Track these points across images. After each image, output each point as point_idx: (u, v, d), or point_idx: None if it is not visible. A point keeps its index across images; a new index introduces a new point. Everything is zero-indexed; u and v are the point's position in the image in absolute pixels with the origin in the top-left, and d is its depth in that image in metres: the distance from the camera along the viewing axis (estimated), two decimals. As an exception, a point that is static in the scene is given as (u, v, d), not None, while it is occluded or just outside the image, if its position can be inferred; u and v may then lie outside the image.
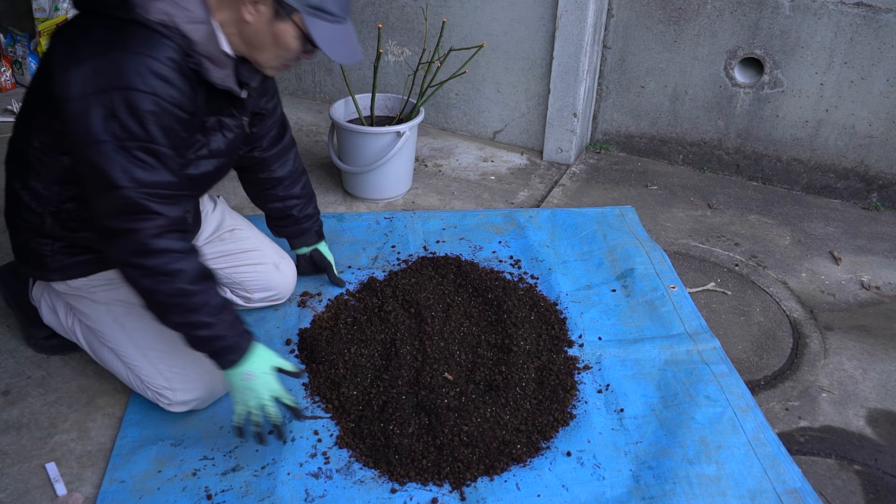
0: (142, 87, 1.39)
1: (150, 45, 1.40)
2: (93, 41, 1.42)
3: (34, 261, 1.70)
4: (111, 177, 1.41)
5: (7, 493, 1.63)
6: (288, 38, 1.53)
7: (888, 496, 1.70)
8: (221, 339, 1.54)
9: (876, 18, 2.62)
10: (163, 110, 1.43)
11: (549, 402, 1.84)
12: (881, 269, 2.51)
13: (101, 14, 1.44)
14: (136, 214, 1.43)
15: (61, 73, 1.42)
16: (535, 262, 2.42)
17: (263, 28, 1.52)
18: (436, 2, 3.08)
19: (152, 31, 1.41)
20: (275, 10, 1.49)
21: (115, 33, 1.40)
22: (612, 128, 3.25)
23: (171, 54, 1.42)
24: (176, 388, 1.74)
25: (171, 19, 1.42)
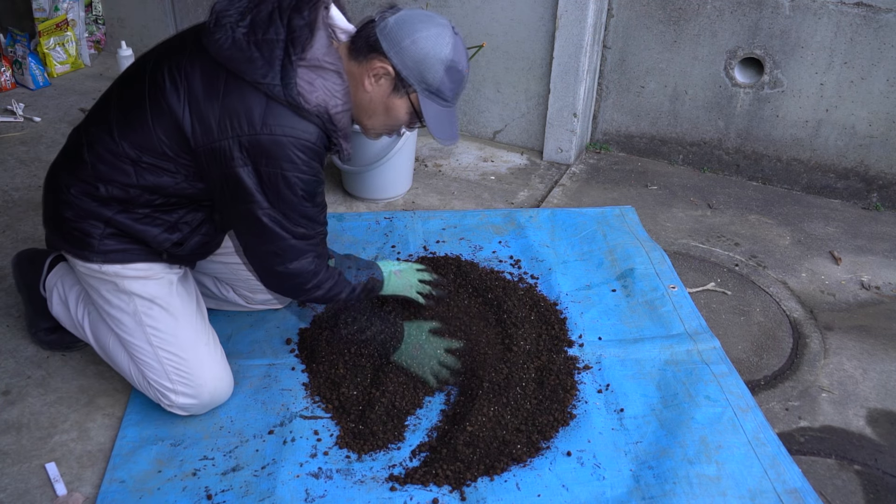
0: (298, 167, 1.56)
1: (308, 129, 1.56)
2: (251, 115, 1.53)
3: (77, 240, 1.70)
4: (276, 233, 1.62)
5: (7, 493, 1.63)
6: (400, 112, 1.67)
7: (888, 496, 1.70)
8: (365, 287, 1.85)
9: (876, 18, 2.62)
10: (311, 181, 1.60)
11: (549, 402, 1.84)
12: (881, 269, 2.51)
13: (250, 84, 1.53)
14: (299, 257, 1.67)
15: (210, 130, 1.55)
16: (535, 262, 2.42)
17: (379, 99, 1.65)
18: (436, 2, 3.08)
19: (307, 117, 1.55)
20: (394, 85, 1.62)
21: (277, 115, 1.53)
22: (612, 128, 3.25)
23: (321, 139, 1.59)
24: (179, 392, 1.76)
25: (325, 110, 1.57)
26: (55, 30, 3.72)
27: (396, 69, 1.59)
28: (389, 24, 1.59)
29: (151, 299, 1.74)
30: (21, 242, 2.46)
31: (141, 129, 1.59)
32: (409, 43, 1.58)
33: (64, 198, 1.68)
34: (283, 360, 1.99)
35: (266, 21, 1.56)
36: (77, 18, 3.85)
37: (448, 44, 1.60)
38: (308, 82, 1.53)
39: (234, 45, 1.54)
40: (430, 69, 1.60)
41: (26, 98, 3.52)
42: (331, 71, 1.57)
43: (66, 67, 3.84)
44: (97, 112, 1.70)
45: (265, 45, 1.54)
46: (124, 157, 1.61)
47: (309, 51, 1.54)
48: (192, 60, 1.58)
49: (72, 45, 3.82)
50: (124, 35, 3.92)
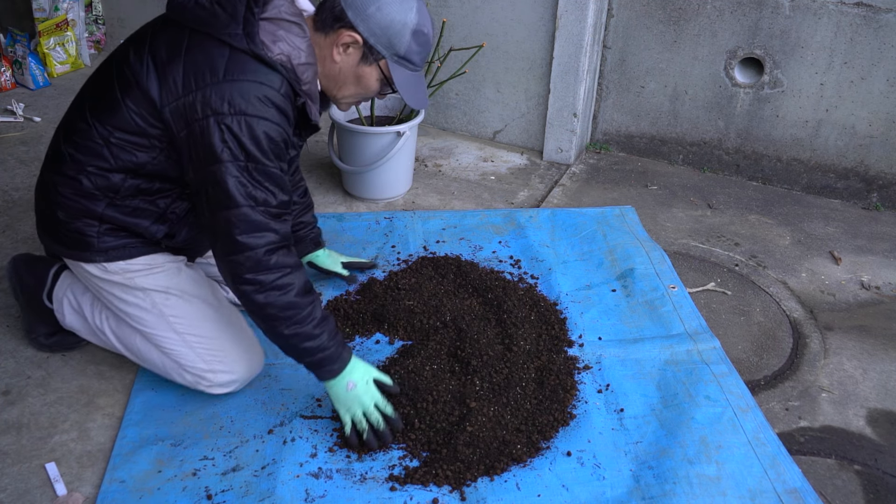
0: (263, 115, 1.52)
1: (271, 79, 1.54)
2: (213, 65, 1.52)
3: (76, 241, 1.70)
4: (232, 195, 1.53)
5: (7, 493, 1.63)
6: (371, 80, 1.67)
7: (888, 496, 1.70)
8: (326, 349, 1.65)
9: (876, 18, 2.62)
10: (277, 136, 1.56)
11: (549, 402, 1.84)
12: (881, 269, 2.51)
13: (212, 37, 1.54)
14: (254, 231, 1.55)
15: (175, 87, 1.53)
16: (535, 262, 2.42)
17: (349, 69, 1.66)
18: (436, 2, 3.08)
19: (271, 66, 1.54)
20: (363, 54, 1.63)
21: (240, 63, 1.52)
22: (612, 128, 3.25)
23: (286, 89, 1.57)
24: (217, 371, 1.78)
25: (288, 59, 1.56)
26: (55, 30, 3.72)
27: (364, 38, 1.60)
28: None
29: (166, 290, 1.76)
30: (21, 242, 2.46)
31: (111, 106, 1.60)
32: (374, 10, 1.59)
33: (53, 198, 1.69)
34: (282, 359, 1.99)
35: None
36: (77, 18, 3.85)
37: (412, 8, 1.61)
38: (270, 33, 1.55)
39: (197, 6, 1.58)
40: (397, 35, 1.61)
41: (26, 98, 3.52)
42: (293, 24, 1.59)
43: (66, 67, 3.84)
44: (72, 106, 1.73)
45: (227, 3, 1.57)
46: (98, 139, 1.61)
47: (270, 3, 1.58)
48: (156, 32, 1.61)
49: (72, 45, 3.82)
50: (124, 35, 3.91)
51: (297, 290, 1.59)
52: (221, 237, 1.56)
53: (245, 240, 1.54)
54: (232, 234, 1.54)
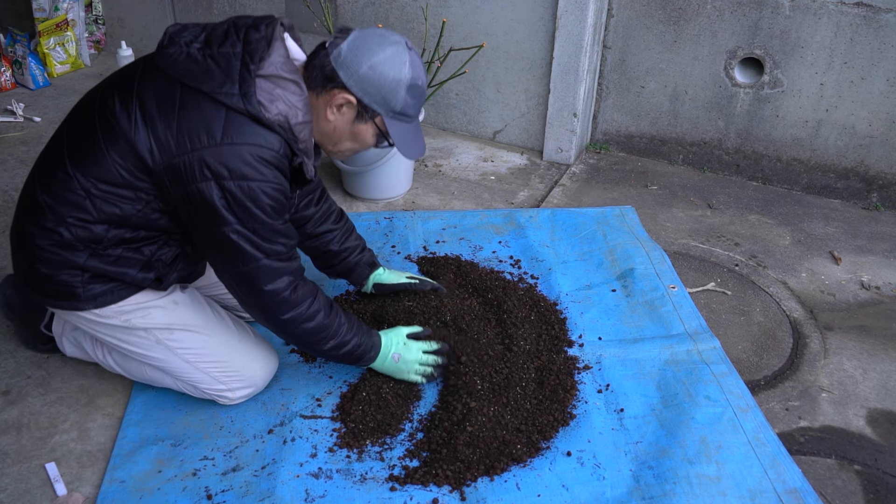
0: (264, 178, 1.51)
1: (269, 140, 1.51)
2: (210, 126, 1.48)
3: (62, 292, 1.63)
4: (248, 253, 1.56)
5: (7, 493, 1.63)
6: (367, 136, 1.66)
7: (888, 496, 1.70)
8: (360, 345, 1.77)
9: (876, 18, 2.62)
10: (279, 195, 1.55)
11: (549, 402, 1.84)
12: (881, 269, 2.51)
13: (206, 95, 1.48)
14: (276, 279, 1.60)
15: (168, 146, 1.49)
16: (535, 262, 2.42)
17: (344, 127, 1.64)
18: (436, 2, 3.08)
19: (269, 127, 1.51)
20: (358, 112, 1.60)
21: (238, 125, 1.49)
22: (612, 128, 3.25)
23: (284, 149, 1.55)
24: (234, 388, 1.79)
25: (285, 119, 1.53)
26: (55, 30, 3.72)
27: (358, 98, 1.57)
28: (343, 52, 1.56)
29: (168, 327, 1.72)
30: (21, 242, 2.45)
31: (94, 157, 1.53)
32: (366, 69, 1.55)
33: (31, 251, 1.61)
34: (282, 359, 1.99)
35: (222, 37, 1.53)
36: (77, 18, 3.85)
37: (405, 62, 1.57)
38: (268, 92, 1.50)
39: (189, 59, 1.50)
40: (392, 93, 1.58)
41: (26, 98, 3.53)
42: (290, 81, 1.54)
43: (66, 67, 3.84)
44: (47, 151, 1.63)
45: (221, 57, 1.50)
46: (79, 190, 1.53)
47: (266, 60, 1.51)
48: (143, 80, 1.53)
49: (72, 45, 3.82)
50: (124, 35, 3.92)
51: (324, 311, 1.68)
52: (247, 290, 1.62)
53: (271, 287, 1.60)
54: (258, 287, 1.59)
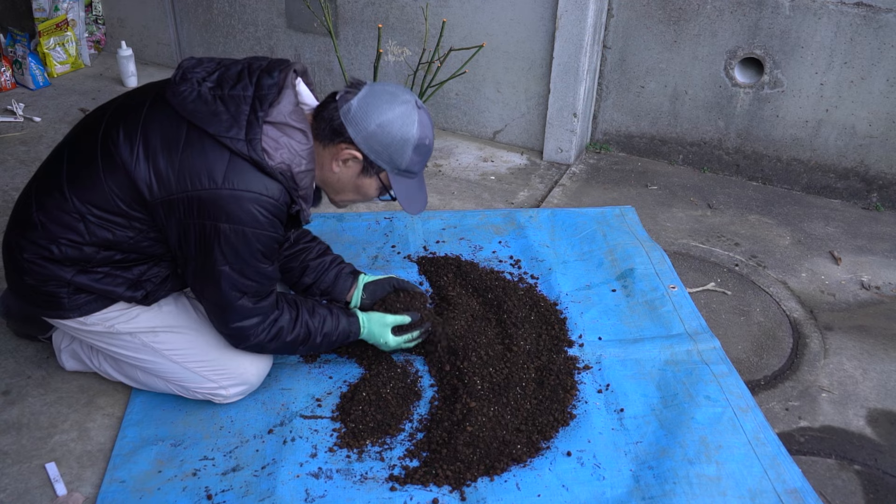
0: (260, 227, 1.54)
1: (270, 188, 1.53)
2: (212, 169, 1.49)
3: (47, 302, 1.65)
4: (226, 294, 1.60)
5: (7, 493, 1.63)
6: (370, 189, 1.69)
7: (888, 496, 1.70)
8: (343, 334, 1.81)
9: (876, 18, 2.62)
10: (273, 242, 1.59)
11: (549, 402, 1.84)
12: (881, 269, 2.51)
13: (212, 137, 1.49)
14: (245, 318, 1.65)
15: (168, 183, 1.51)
16: (535, 262, 2.42)
17: (348, 179, 1.67)
18: (436, 2, 3.08)
19: (271, 175, 1.52)
20: (363, 167, 1.64)
21: (240, 171, 1.50)
22: (612, 128, 3.25)
23: (284, 197, 1.56)
24: (226, 385, 1.79)
25: (288, 168, 1.55)
26: (55, 30, 3.72)
27: (364, 154, 1.60)
28: (353, 108, 1.58)
29: (152, 330, 1.73)
30: (21, 242, 2.45)
31: (92, 183, 1.54)
32: (375, 128, 1.57)
33: (20, 264, 1.62)
34: (282, 359, 1.99)
35: (234, 78, 1.55)
36: (77, 18, 3.85)
37: (414, 122, 1.60)
38: (273, 139, 1.52)
39: (199, 99, 1.52)
40: (399, 152, 1.60)
41: (26, 98, 3.53)
42: (296, 130, 1.55)
43: (66, 67, 3.84)
44: (46, 169, 1.64)
45: (231, 100, 1.51)
46: (74, 213, 1.55)
47: (275, 108, 1.53)
48: (151, 113, 1.54)
49: (72, 45, 3.82)
50: (124, 35, 3.92)
51: (286, 329, 1.71)
52: (217, 320, 1.68)
53: (238, 325, 1.66)
54: (227, 321, 1.65)
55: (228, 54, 3.72)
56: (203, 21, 3.72)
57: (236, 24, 3.62)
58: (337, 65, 3.44)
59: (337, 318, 1.81)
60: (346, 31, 3.34)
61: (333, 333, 1.80)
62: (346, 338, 1.83)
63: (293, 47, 3.53)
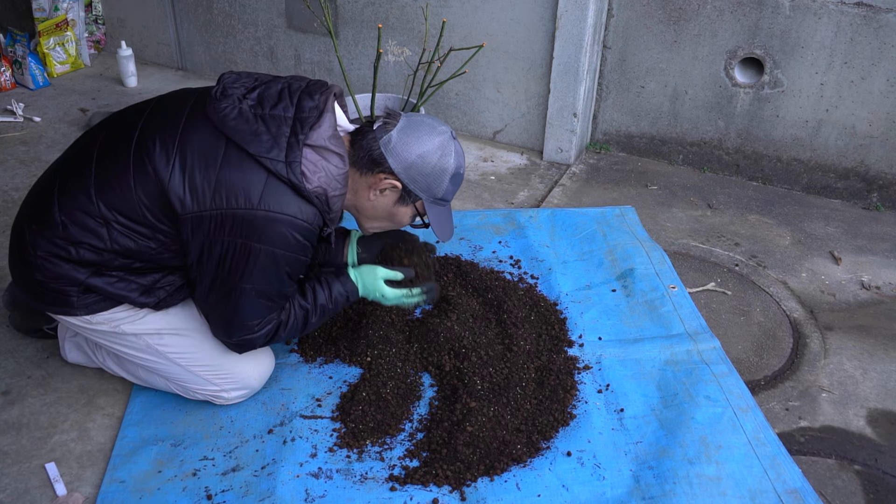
0: (292, 251, 1.55)
1: (305, 212, 1.54)
2: (248, 189, 1.49)
3: (56, 299, 1.64)
4: (239, 311, 1.60)
5: (7, 493, 1.63)
6: (405, 217, 1.73)
7: (888, 496, 1.70)
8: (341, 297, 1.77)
9: (876, 18, 2.62)
10: (301, 265, 1.61)
11: (549, 402, 1.84)
12: (881, 269, 2.51)
13: (251, 156, 1.49)
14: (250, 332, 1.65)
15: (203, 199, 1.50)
16: (535, 262, 2.42)
17: (384, 208, 1.70)
18: (436, 2, 3.08)
19: (307, 198, 1.53)
20: (401, 196, 1.67)
21: (277, 193, 1.50)
22: (612, 128, 3.25)
23: (318, 221, 1.58)
24: (228, 388, 1.80)
25: (324, 192, 1.56)
26: (55, 30, 3.72)
27: (404, 184, 1.63)
28: (393, 139, 1.61)
29: (157, 332, 1.73)
30: (21, 242, 2.45)
31: (121, 191, 1.53)
32: (415, 159, 1.61)
33: (31, 259, 1.60)
34: (282, 359, 1.99)
35: (275, 98, 1.56)
36: (77, 18, 3.85)
37: (451, 153, 1.64)
38: (312, 163, 1.53)
39: (241, 117, 1.52)
40: (436, 182, 1.65)
41: (26, 98, 3.53)
42: (334, 154, 1.57)
43: (66, 67, 3.84)
44: (72, 167, 1.62)
45: (272, 120, 1.52)
46: (98, 218, 1.54)
47: (316, 131, 1.54)
48: (190, 127, 1.54)
49: (72, 45, 3.82)
50: (124, 35, 3.92)
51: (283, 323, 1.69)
52: (222, 332, 1.67)
53: (242, 338, 1.66)
54: (230, 335, 1.66)
55: (229, 54, 3.72)
56: (203, 21, 3.72)
57: (236, 24, 3.62)
58: (337, 65, 3.44)
59: (328, 286, 1.77)
60: (346, 31, 3.34)
61: (329, 301, 1.76)
62: (345, 300, 1.79)
63: (293, 47, 3.53)
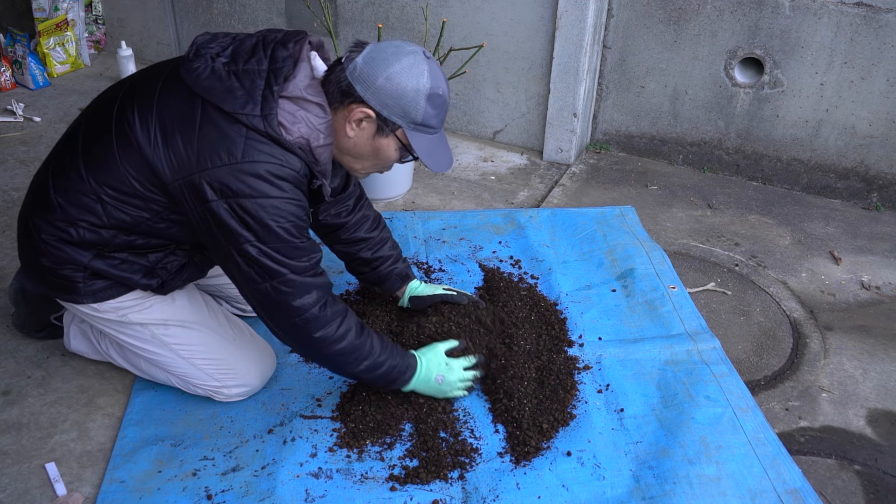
0: (284, 195, 1.49)
1: (290, 161, 1.49)
2: (230, 146, 1.45)
3: (63, 285, 1.65)
4: (272, 268, 1.51)
5: (7, 493, 1.63)
6: (389, 151, 1.61)
7: (888, 496, 1.70)
8: (394, 368, 1.70)
9: (876, 18, 2.62)
10: (300, 212, 1.53)
11: (550, 402, 1.84)
12: (881, 269, 2.51)
13: (227, 114, 1.46)
14: (305, 293, 1.55)
15: (188, 163, 1.47)
16: (535, 262, 2.42)
17: (365, 143, 1.60)
18: (436, 2, 3.08)
19: (290, 149, 1.49)
20: (378, 126, 1.56)
21: (258, 145, 1.46)
22: (612, 128, 3.25)
23: (305, 171, 1.52)
24: (230, 385, 1.79)
25: (307, 143, 1.52)
26: (55, 30, 3.72)
27: (377, 111, 1.54)
28: (359, 66, 1.53)
29: (164, 322, 1.73)
30: (21, 242, 2.45)
31: (107, 164, 1.53)
32: (383, 81, 1.51)
33: (36, 244, 1.61)
34: (282, 359, 1.99)
35: (248, 52, 1.52)
36: (77, 18, 3.85)
37: (424, 72, 1.54)
38: (290, 113, 1.49)
39: (213, 75, 1.49)
40: (411, 103, 1.54)
41: (26, 98, 3.53)
42: (313, 103, 1.52)
43: (66, 67, 3.84)
44: (62, 148, 1.63)
45: (245, 75, 1.49)
46: (91, 194, 1.54)
47: (291, 82, 1.50)
48: (166, 93, 1.52)
49: (72, 45, 3.82)
50: (124, 35, 3.92)
51: (355, 331, 1.63)
52: (274, 306, 1.56)
53: (300, 303, 1.55)
54: (286, 301, 1.54)
55: (228, 54, 3.72)
56: (203, 21, 3.72)
57: (236, 24, 3.62)
58: (337, 65, 3.44)
59: (395, 345, 1.73)
60: (346, 31, 3.34)
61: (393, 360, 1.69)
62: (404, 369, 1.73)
63: (293, 47, 3.53)
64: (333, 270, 2.30)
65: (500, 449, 1.74)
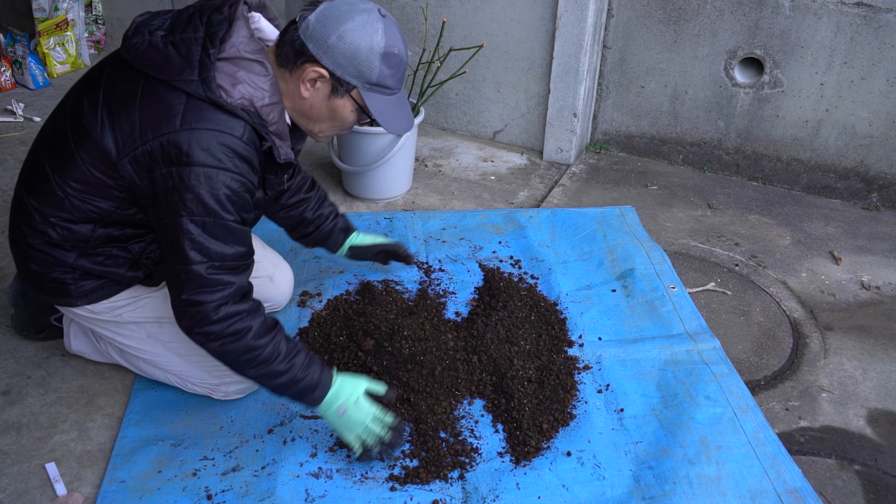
0: (223, 166, 1.43)
1: (232, 126, 1.44)
2: (170, 114, 1.42)
3: (55, 289, 1.66)
4: (185, 253, 1.44)
5: (7, 493, 1.63)
6: (345, 112, 1.57)
7: (888, 496, 1.70)
8: (299, 381, 1.57)
9: (876, 18, 2.62)
10: (239, 187, 1.46)
11: (550, 402, 1.84)
12: (881, 269, 2.51)
13: (166, 83, 1.44)
14: (203, 288, 1.47)
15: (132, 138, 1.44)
16: (535, 262, 2.42)
17: (320, 103, 1.56)
18: (436, 2, 3.08)
19: (232, 112, 1.44)
20: (332, 87, 1.53)
21: (197, 111, 1.42)
22: (612, 128, 3.25)
23: (250, 135, 1.47)
24: (228, 382, 1.78)
25: (250, 103, 1.46)
26: (55, 30, 3.72)
27: (330, 70, 1.50)
28: (311, 24, 1.49)
29: (158, 320, 1.73)
30: (21, 242, 2.45)
31: (66, 157, 1.53)
32: (335, 40, 1.47)
33: (24, 250, 1.63)
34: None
35: (185, 22, 1.49)
36: (77, 18, 3.85)
37: (378, 30, 1.49)
38: (229, 75, 1.45)
39: (151, 47, 1.47)
40: (365, 62, 1.49)
41: (26, 98, 3.52)
42: (253, 62, 1.48)
43: (66, 67, 3.84)
44: (30, 155, 1.65)
45: (182, 43, 1.46)
46: (58, 190, 1.55)
47: (227, 42, 1.47)
48: (110, 76, 1.52)
49: (72, 45, 3.82)
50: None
51: (253, 333, 1.51)
52: (173, 289, 1.51)
53: (193, 297, 1.47)
54: (181, 290, 1.47)
55: (228, 54, 3.72)
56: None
57: (236, 24, 3.62)
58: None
59: (311, 359, 1.60)
60: (346, 31, 3.34)
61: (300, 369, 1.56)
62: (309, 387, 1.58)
63: (293, 47, 3.53)
64: (333, 270, 2.30)
65: (500, 449, 1.74)
